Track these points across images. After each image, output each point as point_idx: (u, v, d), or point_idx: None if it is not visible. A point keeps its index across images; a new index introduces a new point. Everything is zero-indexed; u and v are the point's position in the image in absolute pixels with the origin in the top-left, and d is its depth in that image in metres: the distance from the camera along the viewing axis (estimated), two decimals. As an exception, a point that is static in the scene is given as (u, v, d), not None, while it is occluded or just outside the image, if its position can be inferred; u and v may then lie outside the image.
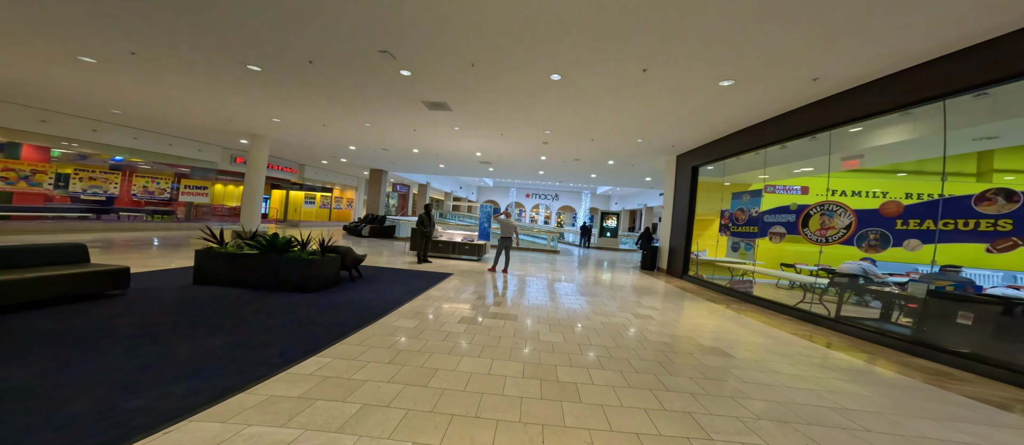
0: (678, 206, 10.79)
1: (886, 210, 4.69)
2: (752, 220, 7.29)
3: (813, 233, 5.69)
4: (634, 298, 7.11)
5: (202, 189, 15.04)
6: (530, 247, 16.77)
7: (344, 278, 6.46)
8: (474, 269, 9.33)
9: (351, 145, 13.77)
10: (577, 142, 10.75)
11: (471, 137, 11.18)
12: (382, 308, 4.92)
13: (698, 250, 10.00)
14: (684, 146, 9.98)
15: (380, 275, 7.41)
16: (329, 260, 5.49)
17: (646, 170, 14.82)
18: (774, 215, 6.58)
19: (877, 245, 4.75)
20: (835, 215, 5.33)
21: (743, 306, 6.89)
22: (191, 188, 14.78)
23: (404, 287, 6.35)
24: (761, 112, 6.80)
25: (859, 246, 4.95)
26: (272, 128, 11.13)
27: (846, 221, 5.16)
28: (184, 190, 14.47)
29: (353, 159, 17.65)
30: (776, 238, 6.42)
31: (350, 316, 4.43)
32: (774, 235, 6.49)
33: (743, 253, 7.60)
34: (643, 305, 6.52)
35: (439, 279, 7.57)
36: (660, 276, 10.59)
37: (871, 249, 4.82)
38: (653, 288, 8.48)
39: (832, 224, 5.36)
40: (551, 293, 7.11)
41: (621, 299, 6.96)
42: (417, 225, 9.47)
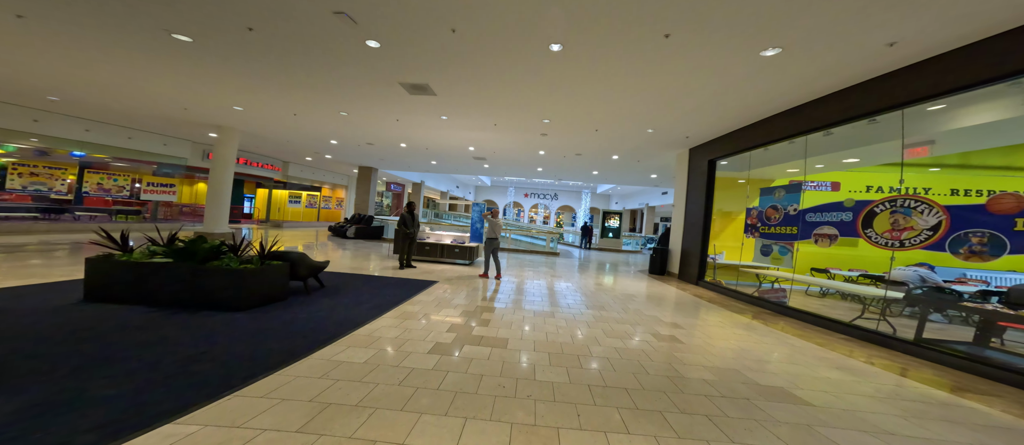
0: (692, 204, 9.67)
1: (999, 205, 3.57)
2: (789, 219, 6.17)
3: (881, 235, 4.57)
4: (649, 310, 5.98)
5: (168, 187, 13.84)
6: (528, 249, 15.64)
7: (299, 289, 5.30)
8: (464, 275, 8.20)
9: (332, 139, 12.63)
10: (579, 133, 9.63)
11: (462, 128, 10.05)
12: (331, 332, 3.78)
13: (715, 253, 8.88)
14: (700, 137, 8.86)
15: (349, 284, 6.25)
16: (270, 270, 4.34)
17: (653, 166, 13.70)
18: (821, 213, 5.45)
19: (984, 251, 3.63)
20: (914, 213, 4.20)
21: (781, 320, 5.76)
22: (155, 185, 13.57)
23: (373, 300, 5.21)
24: (808, 90, 5.67)
25: (955, 252, 3.82)
26: (236, 118, 9.98)
27: (933, 220, 4.03)
28: (147, 188, 13.27)
29: (339, 155, 16.51)
30: (825, 241, 5.29)
31: (279, 345, 3.29)
32: (821, 237, 5.37)
33: (776, 257, 6.47)
34: (662, 321, 5.39)
35: (419, 289, 6.43)
36: (671, 281, 9.47)
37: (974, 256, 3.70)
38: (668, 297, 7.35)
39: (909, 224, 4.23)
40: (551, 305, 5.97)
41: (634, 312, 5.82)
42: (398, 226, 8.34)
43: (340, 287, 5.88)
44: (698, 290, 8.28)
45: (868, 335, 4.67)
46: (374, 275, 7.32)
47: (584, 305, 6.16)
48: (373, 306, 4.87)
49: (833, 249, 5.26)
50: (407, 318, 4.59)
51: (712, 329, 5.12)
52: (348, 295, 5.37)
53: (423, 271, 8.37)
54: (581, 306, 6.07)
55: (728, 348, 4.28)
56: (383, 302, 5.14)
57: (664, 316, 5.71)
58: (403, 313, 4.81)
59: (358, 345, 3.56)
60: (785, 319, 5.89)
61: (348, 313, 4.45)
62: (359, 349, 3.46)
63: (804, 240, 5.73)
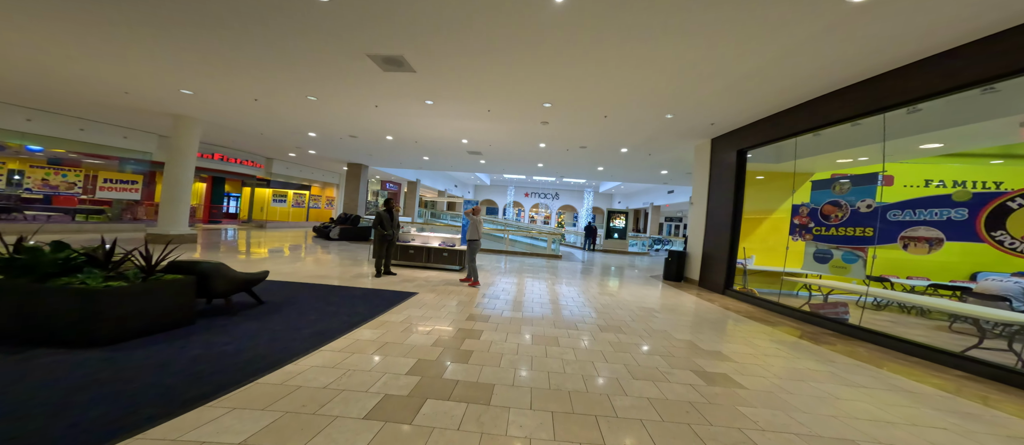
0: (716, 201, 8.39)
1: None
2: (858, 217, 4.89)
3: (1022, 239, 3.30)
4: (680, 331, 4.72)
5: (131, 184, 12.58)
6: (528, 251, 14.39)
7: (220, 309, 4.04)
8: (452, 283, 6.94)
9: (309, 131, 11.40)
10: (585, 121, 8.37)
11: (451, 116, 8.81)
12: (219, 381, 2.52)
13: (744, 257, 7.61)
14: (728, 123, 7.58)
15: (299, 299, 5.00)
16: (160, 288, 3.09)
17: (665, 160, 12.42)
18: (914, 211, 4.17)
19: None
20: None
21: (853, 344, 4.49)
22: (114, 183, 12.30)
23: (320, 323, 3.95)
24: (889, 56, 4.39)
25: None
26: (191, 105, 8.75)
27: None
28: (103, 185, 12.01)
29: (324, 151, 15.29)
30: (920, 245, 4.01)
31: (103, 411, 2.03)
32: (916, 241, 4.08)
33: (837, 265, 5.19)
34: (701, 348, 4.12)
35: (391, 303, 5.17)
36: (691, 289, 8.19)
37: None
38: (695, 310, 6.08)
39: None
40: (554, 325, 4.71)
41: (661, 334, 4.56)
42: (374, 226, 7.08)
43: (285, 303, 4.62)
44: (726, 301, 7.01)
45: (996, 373, 3.40)
46: (340, 286, 6.06)
47: (596, 324, 4.90)
48: (315, 333, 3.61)
49: (900, 254, 3.98)
50: (355, 351, 3.34)
51: (773, 361, 3.84)
52: (288, 316, 4.11)
53: (404, 279, 7.12)
54: (592, 325, 4.81)
55: (813, 397, 3.01)
56: (332, 326, 3.88)
57: (701, 340, 4.44)
58: (353, 343, 3.55)
59: (252, 404, 2.30)
60: (856, 343, 4.61)
61: (271, 345, 3.19)
62: (248, 413, 2.20)
63: (887, 244, 4.46)
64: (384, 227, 7.09)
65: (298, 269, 7.30)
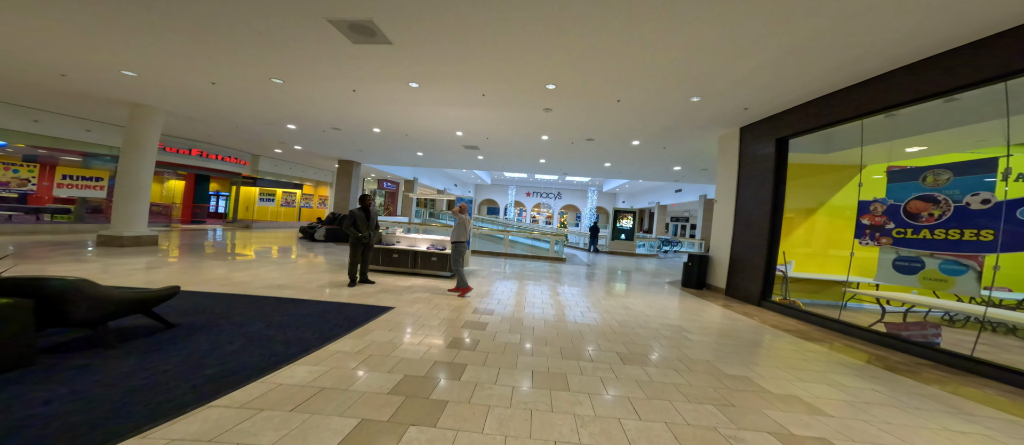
0: (747, 198, 7.25)
1: None
2: (966, 216, 3.74)
3: None
4: (730, 364, 3.60)
5: (96, 181, 11.53)
6: (530, 254, 13.28)
7: (97, 335, 2.96)
8: (438, 293, 5.85)
9: (288, 123, 10.33)
10: (594, 107, 7.26)
11: (441, 103, 7.72)
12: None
13: (784, 262, 6.48)
14: (766, 107, 6.44)
15: (230, 318, 3.91)
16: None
17: (681, 154, 11.27)
18: None
19: None
20: None
21: (976, 384, 3.36)
22: (75, 179, 11.23)
23: (238, 358, 2.87)
24: (998, 17, 3.28)
25: None
26: (142, 91, 7.69)
27: None
28: (61, 181, 10.96)
29: (312, 146, 14.24)
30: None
31: None
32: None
33: (931, 277, 4.04)
34: (772, 394, 3.01)
35: (351, 325, 4.07)
36: (717, 299, 7.06)
37: None
38: (736, 330, 4.95)
39: None
40: (562, 356, 3.61)
41: (708, 371, 3.44)
42: (345, 226, 5.98)
43: (206, 327, 3.52)
44: (766, 315, 5.88)
45: None
46: (299, 299, 4.97)
47: (615, 352, 3.79)
48: (218, 374, 2.53)
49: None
50: (263, 408, 2.24)
51: (882, 413, 2.72)
52: (196, 346, 3.03)
53: (383, 288, 6.03)
54: (610, 354, 3.70)
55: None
56: (250, 362, 2.79)
57: (761, 376, 3.32)
58: (268, 392, 2.46)
59: None
60: (969, 378, 3.48)
61: (124, 402, 2.11)
62: None
63: (1015, 251, 3.32)
64: (359, 228, 6.00)
65: (258, 277, 6.22)
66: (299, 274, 6.74)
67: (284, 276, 6.43)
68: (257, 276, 6.21)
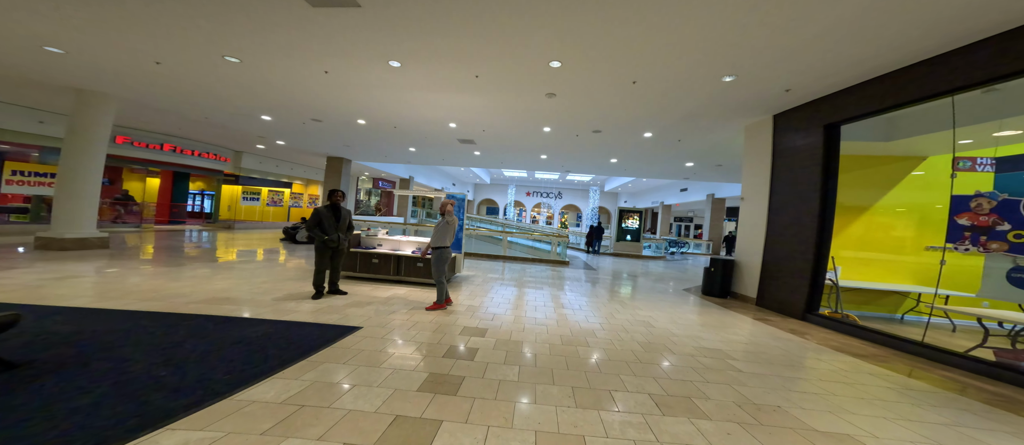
0: (787, 195, 6.25)
1: None
2: None
3: None
4: (814, 413, 2.61)
5: (50, 178, 10.47)
6: (530, 257, 12.29)
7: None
8: (419, 308, 4.85)
9: (263, 114, 9.32)
10: (605, 91, 6.27)
11: (429, 87, 6.73)
12: None
13: (831, 268, 5.48)
14: (812, 88, 5.42)
15: (127, 343, 2.92)
16: None
17: (698, 146, 10.26)
18: None
19: None
20: None
21: None
22: (25, 175, 10.14)
23: (71, 422, 1.87)
24: None
25: None
26: (84, 75, 6.69)
27: None
28: (10, 177, 9.86)
29: (296, 141, 13.23)
30: None
31: None
32: None
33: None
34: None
35: (293, 357, 3.08)
36: (746, 310, 6.07)
37: None
38: (793, 356, 3.96)
39: None
40: (575, 403, 2.62)
41: (785, 425, 2.44)
42: (308, 228, 4.96)
43: (76, 362, 2.52)
44: (818, 332, 4.87)
45: None
46: (239, 317, 3.96)
47: (647, 394, 2.80)
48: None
49: None
50: None
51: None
52: (27, 399, 2.04)
53: (354, 301, 5.03)
54: (640, 396, 2.71)
55: None
56: (89, 430, 1.80)
57: (865, 434, 2.32)
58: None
59: None
60: None
61: None
62: None
63: None
64: (325, 230, 4.99)
65: (201, 287, 5.19)
66: (257, 283, 5.73)
67: (237, 286, 5.42)
68: (200, 287, 5.19)
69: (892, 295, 5.90)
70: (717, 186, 20.41)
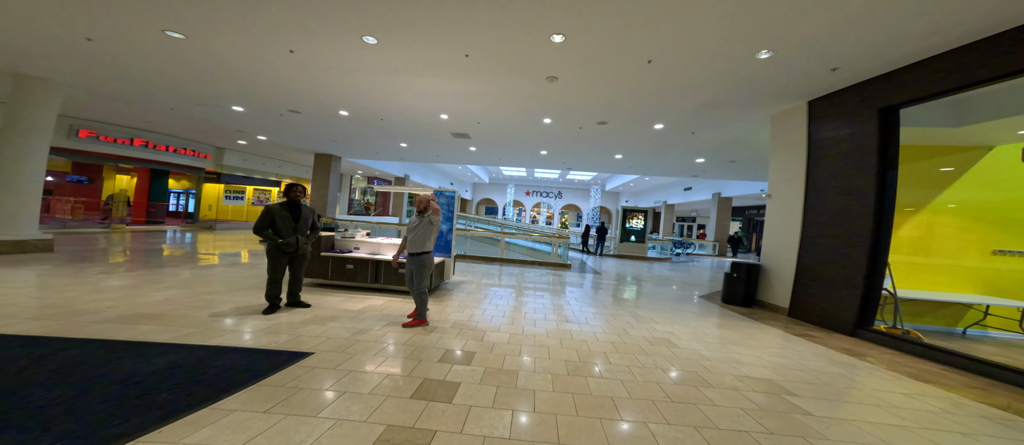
0: (829, 191, 5.38)
1: None
2: None
3: None
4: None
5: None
6: (529, 259, 11.43)
7: None
8: (393, 324, 3.98)
9: (233, 104, 8.44)
10: (615, 72, 5.42)
11: (413, 71, 5.88)
12: None
13: (887, 273, 4.63)
14: (868, 65, 4.54)
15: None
16: None
17: (711, 141, 9.40)
18: None
19: None
20: None
21: None
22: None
23: None
24: None
25: None
26: (21, 59, 5.82)
27: None
28: None
29: (279, 137, 12.37)
30: None
31: None
32: None
33: None
34: None
35: (180, 408, 2.20)
36: (778, 321, 5.21)
37: None
38: (871, 391, 3.11)
39: None
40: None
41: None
42: (258, 229, 4.05)
43: None
44: (880, 353, 4.02)
45: None
46: (155, 342, 3.09)
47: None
48: None
49: None
50: None
51: None
52: None
53: (318, 315, 4.17)
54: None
55: None
56: None
57: None
58: None
59: None
60: None
61: None
62: None
63: None
64: (279, 231, 4.11)
65: (124, 299, 4.30)
66: (204, 293, 4.84)
67: (176, 297, 4.53)
68: (127, 299, 4.29)
69: (951, 306, 5.05)
70: (724, 184, 19.59)
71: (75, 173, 16.92)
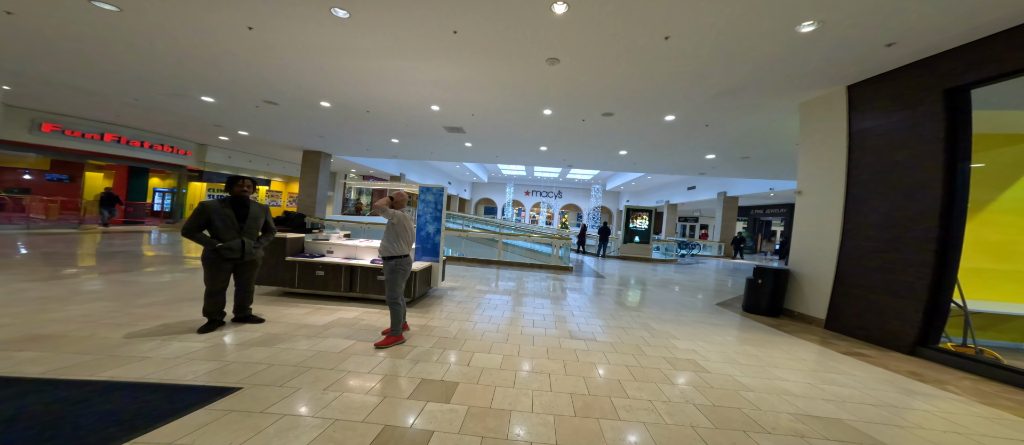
0: (872, 186, 4.65)
1: None
2: None
3: None
4: None
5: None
6: (529, 261, 10.69)
7: None
8: (364, 340, 3.23)
9: (200, 93, 7.68)
10: (625, 53, 4.68)
11: (395, 52, 5.15)
12: None
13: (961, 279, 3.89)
14: (933, 39, 3.79)
15: None
16: None
17: (726, 134, 8.65)
18: None
19: None
20: None
21: None
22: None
23: None
24: None
25: None
26: None
27: None
28: None
29: (260, 132, 11.61)
30: None
31: None
32: None
33: None
34: None
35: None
36: (814, 334, 4.48)
37: None
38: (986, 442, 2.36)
39: None
40: None
41: None
42: (186, 229, 3.25)
43: None
44: (949, 376, 3.28)
45: None
46: (24, 378, 2.34)
47: None
48: None
49: None
50: None
51: None
52: None
53: (270, 333, 3.43)
54: None
55: None
56: None
57: None
58: None
59: None
60: None
61: None
62: None
63: None
64: (218, 233, 3.36)
65: (28, 316, 3.54)
66: (134, 306, 4.06)
67: (94, 311, 3.77)
68: (26, 315, 3.52)
69: (1014, 319, 4.32)
70: (730, 183, 18.87)
71: (55, 171, 16.17)
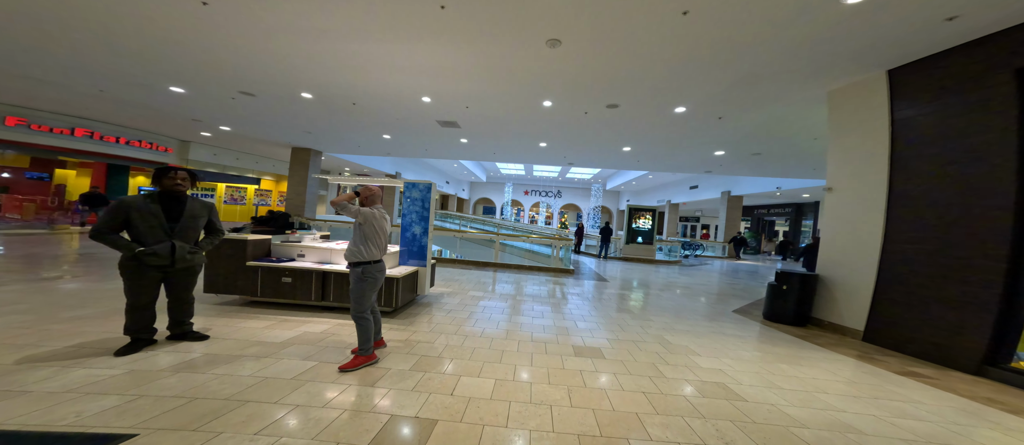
0: (921, 182, 4.07)
1: None
2: None
3: None
4: None
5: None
6: (528, 264, 10.10)
7: None
8: (328, 362, 2.63)
9: (168, 83, 7.05)
10: (636, 31, 4.07)
11: (378, 35, 4.55)
12: None
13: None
14: (994, 15, 3.24)
15: None
16: None
17: (739, 128, 8.03)
18: None
19: None
20: None
21: None
22: None
23: None
24: None
25: None
26: None
27: None
28: None
29: (243, 128, 10.99)
30: None
31: None
32: None
33: None
34: None
35: None
36: (850, 348, 3.92)
37: None
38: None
39: None
40: None
41: None
42: (96, 231, 2.62)
43: None
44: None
45: None
46: None
47: None
48: None
49: None
50: None
51: None
52: None
53: (213, 353, 2.82)
54: None
55: None
56: None
57: None
58: None
59: None
60: None
61: None
62: None
63: None
64: (140, 236, 2.74)
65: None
66: (54, 319, 3.43)
67: (4, 326, 3.16)
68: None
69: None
70: (735, 182, 18.33)
71: (34, 169, 15.50)
